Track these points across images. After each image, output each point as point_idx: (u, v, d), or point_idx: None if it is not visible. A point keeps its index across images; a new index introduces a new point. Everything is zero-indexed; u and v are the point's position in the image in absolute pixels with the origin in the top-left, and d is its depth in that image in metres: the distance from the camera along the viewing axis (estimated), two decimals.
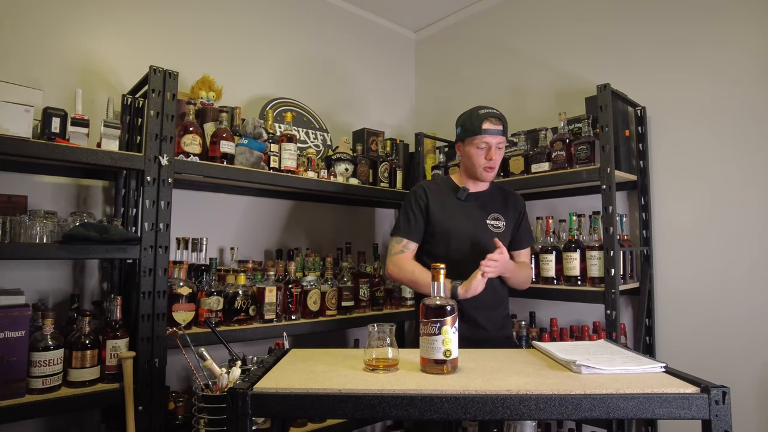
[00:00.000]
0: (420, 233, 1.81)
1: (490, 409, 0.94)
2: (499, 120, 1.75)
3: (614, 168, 1.94)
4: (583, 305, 2.27)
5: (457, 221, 1.78)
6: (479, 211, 1.82)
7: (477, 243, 1.76)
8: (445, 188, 1.87)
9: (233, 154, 2.00)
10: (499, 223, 1.83)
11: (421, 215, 1.80)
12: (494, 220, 1.82)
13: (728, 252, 1.98)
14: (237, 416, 0.96)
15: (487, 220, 1.82)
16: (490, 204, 1.85)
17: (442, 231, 1.78)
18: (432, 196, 1.82)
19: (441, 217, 1.79)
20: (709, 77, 2.07)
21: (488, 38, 2.98)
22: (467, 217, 1.80)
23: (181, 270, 1.83)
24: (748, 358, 1.90)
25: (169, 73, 1.76)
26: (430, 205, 1.80)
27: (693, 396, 0.94)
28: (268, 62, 2.64)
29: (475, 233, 1.78)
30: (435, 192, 1.84)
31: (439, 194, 1.84)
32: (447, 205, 1.81)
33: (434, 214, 1.79)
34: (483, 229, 1.79)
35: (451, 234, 1.77)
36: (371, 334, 1.16)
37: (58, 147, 1.54)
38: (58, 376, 1.52)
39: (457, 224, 1.78)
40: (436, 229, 1.79)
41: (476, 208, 1.83)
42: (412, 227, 1.80)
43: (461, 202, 1.82)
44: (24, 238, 1.54)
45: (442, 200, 1.82)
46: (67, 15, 1.99)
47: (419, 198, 1.82)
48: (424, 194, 1.83)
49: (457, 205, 1.82)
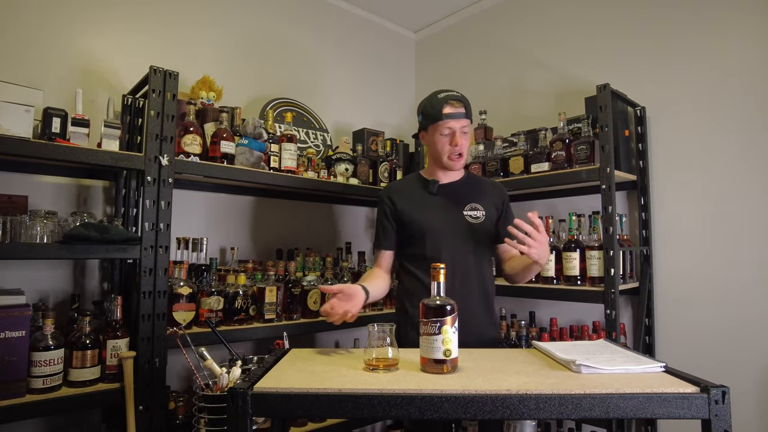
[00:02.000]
0: (390, 240, 1.72)
1: (490, 408, 0.95)
2: (461, 102, 1.62)
3: (614, 168, 1.94)
4: (583, 305, 2.27)
5: (430, 217, 1.66)
6: (454, 203, 1.69)
7: (455, 237, 1.64)
8: (414, 185, 1.76)
9: (233, 154, 2.00)
10: (478, 213, 1.68)
11: (389, 222, 1.72)
12: (472, 210, 1.68)
13: (728, 251, 1.99)
14: (237, 416, 0.96)
15: (464, 211, 1.67)
16: (466, 194, 1.71)
17: (417, 230, 1.66)
18: (398, 198, 1.72)
19: (413, 216, 1.67)
20: (709, 77, 2.07)
21: (488, 38, 2.98)
22: (441, 211, 1.67)
23: (182, 270, 1.83)
24: (748, 358, 1.90)
25: (170, 74, 1.76)
26: (398, 209, 1.70)
27: (693, 396, 0.94)
28: (267, 62, 2.64)
29: (452, 227, 1.65)
30: (401, 193, 1.74)
31: (406, 194, 1.73)
32: (418, 203, 1.70)
33: (405, 215, 1.69)
34: (460, 221, 1.66)
35: (426, 231, 1.64)
36: (371, 334, 1.16)
37: (59, 147, 1.54)
38: (58, 375, 1.52)
39: (431, 220, 1.65)
40: (412, 229, 1.67)
41: (450, 199, 1.69)
42: (381, 238, 1.74)
43: (433, 195, 1.70)
44: (24, 238, 1.54)
45: (412, 199, 1.71)
46: (67, 15, 1.99)
47: (384, 205, 1.74)
48: (388, 200, 1.73)
49: (429, 200, 1.69)
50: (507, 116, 2.81)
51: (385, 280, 1.71)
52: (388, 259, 1.75)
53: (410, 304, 1.66)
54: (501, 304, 2.48)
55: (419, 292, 1.62)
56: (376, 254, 1.77)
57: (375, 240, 1.78)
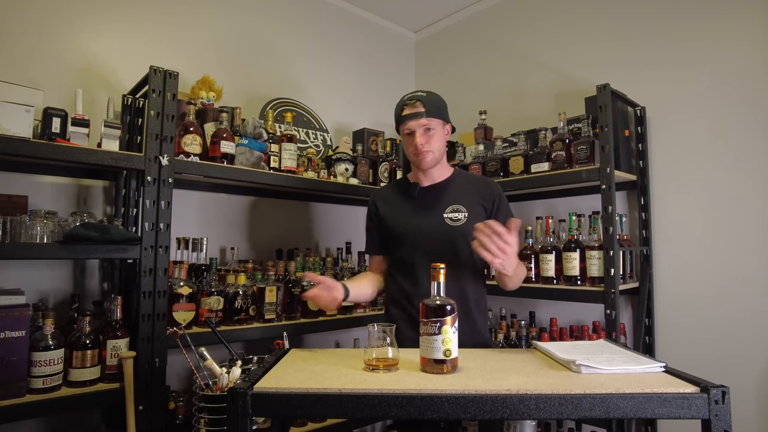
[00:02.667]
0: (377, 244, 1.75)
1: (490, 408, 0.94)
2: (419, 101, 1.57)
3: (614, 168, 1.94)
4: (583, 305, 2.27)
5: (407, 222, 1.64)
6: (434, 206, 1.64)
7: (433, 242, 1.58)
8: (398, 190, 1.76)
9: (233, 154, 2.00)
10: (459, 215, 1.60)
11: (373, 227, 1.75)
12: (453, 212, 1.61)
13: (728, 251, 1.99)
14: (237, 416, 0.96)
15: (444, 214, 1.61)
16: (449, 195, 1.65)
17: (395, 235, 1.66)
18: (382, 203, 1.73)
19: (392, 222, 1.68)
20: (710, 77, 2.07)
21: (488, 38, 2.98)
22: (419, 215, 1.64)
23: (182, 270, 1.83)
24: (748, 358, 1.90)
25: (170, 74, 1.76)
26: (380, 214, 1.71)
27: (693, 396, 0.94)
28: (267, 62, 2.64)
29: (430, 230, 1.60)
30: (386, 198, 1.75)
31: (390, 198, 1.74)
32: (398, 207, 1.69)
33: (387, 221, 1.69)
34: (439, 224, 1.60)
35: (405, 236, 1.62)
36: (371, 333, 1.16)
37: (59, 147, 1.54)
38: (58, 375, 1.52)
39: (408, 225, 1.63)
40: (391, 235, 1.68)
41: (431, 202, 1.65)
42: (368, 243, 1.78)
43: (413, 199, 1.67)
44: (24, 238, 1.54)
45: (394, 203, 1.71)
46: (67, 15, 1.99)
47: (370, 211, 1.77)
48: (373, 205, 1.75)
49: (409, 205, 1.68)
50: (507, 116, 2.81)
51: (372, 283, 1.73)
52: (377, 263, 1.79)
53: (392, 305, 1.67)
54: (501, 304, 2.49)
55: (398, 294, 1.64)
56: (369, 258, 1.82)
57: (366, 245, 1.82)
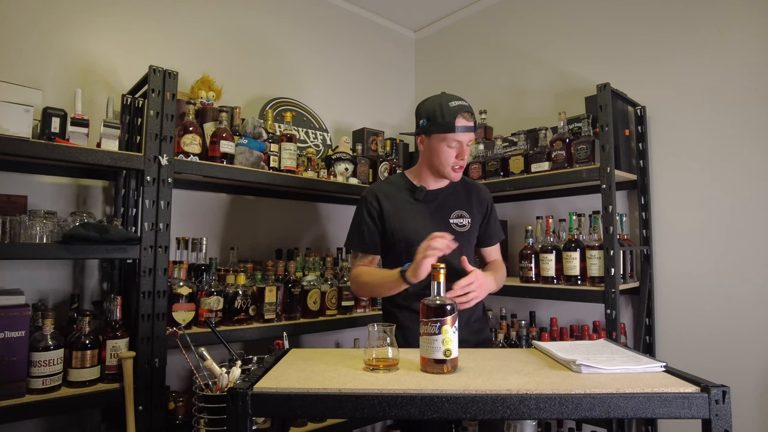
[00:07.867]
0: (376, 245, 1.65)
1: (490, 408, 0.94)
2: (472, 115, 1.59)
3: (614, 167, 1.94)
4: (583, 305, 2.27)
5: (416, 226, 1.59)
6: (440, 211, 1.64)
7: None
8: (400, 189, 1.68)
9: (233, 154, 2.00)
10: (464, 220, 1.65)
11: (374, 225, 1.63)
12: (458, 218, 1.64)
13: (729, 251, 1.99)
14: (237, 416, 0.96)
15: (450, 219, 1.63)
16: (453, 200, 1.67)
17: (401, 239, 1.59)
18: (385, 201, 1.64)
19: (398, 224, 1.61)
20: (710, 76, 2.07)
21: (488, 38, 2.98)
22: (427, 220, 1.62)
23: (181, 270, 1.83)
24: (748, 358, 1.90)
25: (169, 73, 1.76)
26: (384, 213, 1.63)
27: (693, 395, 0.94)
28: (266, 62, 2.63)
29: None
30: (389, 196, 1.66)
31: (393, 198, 1.66)
32: (403, 209, 1.64)
33: (390, 222, 1.62)
34: (446, 230, 1.55)
35: (413, 241, 1.51)
36: (371, 333, 1.16)
37: (58, 147, 1.54)
38: (58, 376, 1.52)
39: (417, 229, 1.58)
40: (395, 238, 1.61)
41: (437, 207, 1.65)
42: (366, 240, 1.64)
43: (419, 203, 1.64)
44: (24, 238, 1.54)
45: (398, 204, 1.65)
46: (66, 15, 1.99)
47: (370, 206, 1.65)
48: (376, 202, 1.64)
49: (415, 208, 1.64)
50: (507, 116, 2.81)
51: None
52: (369, 263, 1.69)
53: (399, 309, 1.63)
54: (501, 304, 2.48)
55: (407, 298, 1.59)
56: (356, 257, 1.69)
57: (355, 241, 1.68)
